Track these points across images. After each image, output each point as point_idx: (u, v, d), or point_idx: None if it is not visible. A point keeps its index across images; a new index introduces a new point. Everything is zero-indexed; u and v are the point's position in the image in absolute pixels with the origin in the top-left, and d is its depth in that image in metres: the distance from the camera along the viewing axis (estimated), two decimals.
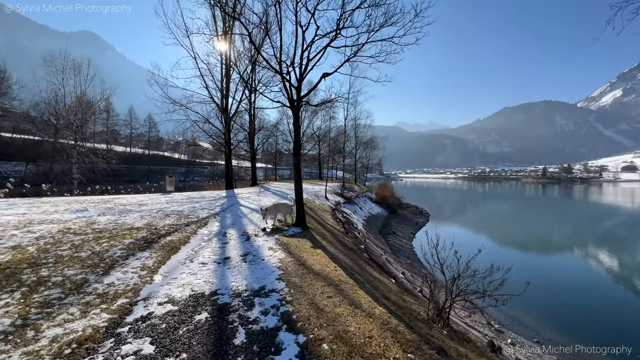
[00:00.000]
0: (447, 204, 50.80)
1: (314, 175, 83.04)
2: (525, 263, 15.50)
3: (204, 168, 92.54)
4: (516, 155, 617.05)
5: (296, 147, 7.78)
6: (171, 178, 17.43)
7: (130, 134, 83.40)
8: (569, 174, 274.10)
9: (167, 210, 8.97)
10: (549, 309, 9.90)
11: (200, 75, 20.95)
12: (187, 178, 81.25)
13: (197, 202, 11.14)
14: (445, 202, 55.58)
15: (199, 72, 20.85)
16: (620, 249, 19.66)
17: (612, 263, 16.12)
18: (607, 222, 31.13)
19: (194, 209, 9.54)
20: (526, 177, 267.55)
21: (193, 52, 20.33)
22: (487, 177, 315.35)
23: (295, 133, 7.72)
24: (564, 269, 14.85)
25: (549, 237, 22.94)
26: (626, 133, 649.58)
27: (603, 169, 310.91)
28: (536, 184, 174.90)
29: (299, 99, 7.48)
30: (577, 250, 19.17)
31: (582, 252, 18.74)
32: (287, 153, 44.96)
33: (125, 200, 11.00)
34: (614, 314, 9.77)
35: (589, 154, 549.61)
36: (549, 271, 14.29)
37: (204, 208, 9.83)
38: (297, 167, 7.83)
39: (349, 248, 8.32)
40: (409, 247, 17.43)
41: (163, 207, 9.48)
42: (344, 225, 13.71)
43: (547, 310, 9.79)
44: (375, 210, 25.65)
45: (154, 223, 6.95)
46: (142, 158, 78.19)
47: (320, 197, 18.70)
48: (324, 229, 9.57)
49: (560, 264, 15.99)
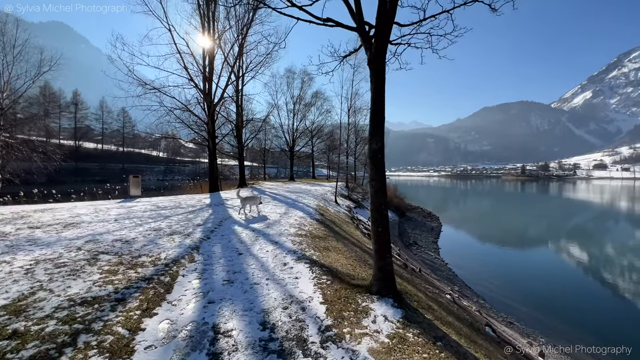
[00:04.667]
0: (446, 204, 48.56)
1: (300, 174, 79.43)
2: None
3: (184, 166, 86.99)
4: (495, 153, 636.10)
5: (379, 120, 3.78)
6: (136, 178, 13.29)
7: (102, 129, 76.56)
8: (546, 171, 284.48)
9: (106, 240, 4.98)
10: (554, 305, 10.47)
11: (177, 53, 16.83)
12: (166, 177, 75.58)
13: (165, 219, 7.24)
14: (441, 202, 53.52)
15: (175, 49, 16.73)
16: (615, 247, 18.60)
17: (612, 263, 16.00)
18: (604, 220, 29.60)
19: (156, 234, 5.66)
20: (506, 175, 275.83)
21: (168, 24, 16.22)
22: (469, 175, 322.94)
23: (379, 92, 3.79)
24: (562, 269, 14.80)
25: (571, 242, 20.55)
26: (595, 133, 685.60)
27: (576, 167, 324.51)
28: (516, 181, 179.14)
29: (386, 16, 3.68)
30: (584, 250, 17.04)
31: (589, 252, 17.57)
32: (278, 150, 40.97)
33: (52, 214, 6.96)
34: (614, 313, 10.18)
35: (562, 152, 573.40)
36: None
37: (175, 232, 5.97)
38: (379, 166, 3.67)
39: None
40: (440, 262, 14.20)
41: (104, 230, 5.58)
42: (369, 237, 10.30)
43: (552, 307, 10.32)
44: None
45: (37, 298, 3.03)
46: (115, 156, 71.77)
47: (330, 202, 15.13)
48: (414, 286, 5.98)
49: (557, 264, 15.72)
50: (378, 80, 3.82)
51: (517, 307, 10.34)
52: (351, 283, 3.67)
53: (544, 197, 67.01)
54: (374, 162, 3.75)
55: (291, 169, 36.81)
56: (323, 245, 5.57)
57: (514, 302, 10.76)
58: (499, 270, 14.27)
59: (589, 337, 8.22)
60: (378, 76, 3.82)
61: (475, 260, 15.66)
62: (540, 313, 9.90)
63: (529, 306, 10.35)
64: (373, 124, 3.82)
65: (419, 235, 19.79)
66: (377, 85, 3.83)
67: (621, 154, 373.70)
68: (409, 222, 23.24)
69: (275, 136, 38.57)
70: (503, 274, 13.88)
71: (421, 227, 22.35)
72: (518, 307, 10.29)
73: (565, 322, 9.27)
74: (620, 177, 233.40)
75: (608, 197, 61.56)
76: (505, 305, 10.38)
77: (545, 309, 10.18)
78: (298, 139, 37.50)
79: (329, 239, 6.31)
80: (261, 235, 6.09)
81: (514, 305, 10.47)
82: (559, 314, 9.85)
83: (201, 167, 75.01)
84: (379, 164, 3.71)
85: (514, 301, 10.81)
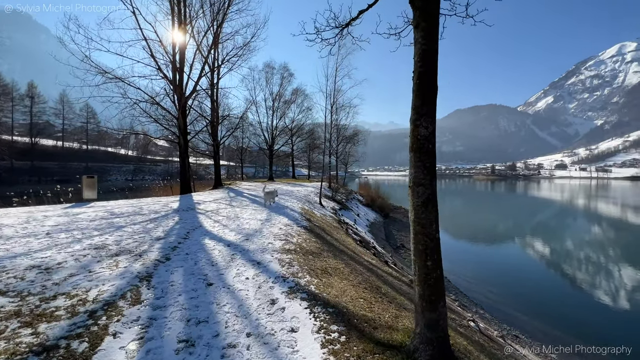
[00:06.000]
0: None
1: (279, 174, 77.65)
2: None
3: (156, 166, 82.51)
4: (467, 154, 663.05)
5: (431, 87, 2.48)
6: (90, 179, 11.40)
7: (62, 125, 70.55)
8: (513, 171, 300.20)
9: (16, 268, 3.39)
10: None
11: (143, 39, 14.96)
12: (135, 177, 71.24)
13: (116, 230, 5.72)
14: None
15: (141, 35, 14.86)
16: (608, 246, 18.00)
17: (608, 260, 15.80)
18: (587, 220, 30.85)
19: (95, 255, 4.15)
20: (477, 175, 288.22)
21: (132, 5, 14.33)
22: (444, 175, 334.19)
23: (431, 40, 2.42)
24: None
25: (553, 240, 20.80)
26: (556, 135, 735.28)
27: (540, 166, 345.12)
28: (486, 180, 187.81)
29: None
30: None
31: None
32: (256, 149, 39.17)
33: None
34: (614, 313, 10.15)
35: (527, 153, 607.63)
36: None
37: (123, 251, 4.47)
38: (428, 161, 2.53)
39: None
40: None
41: (22, 251, 4.02)
42: (360, 243, 9.28)
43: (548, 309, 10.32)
44: (371, 216, 21.49)
45: None
46: (78, 154, 66.33)
47: (315, 204, 13.93)
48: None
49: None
50: (429, 20, 2.40)
51: (510, 312, 9.88)
52: (376, 339, 2.44)
53: (514, 195, 70.05)
54: (422, 156, 2.42)
55: (270, 169, 35.23)
56: (319, 265, 4.36)
57: (506, 307, 10.27)
58: (484, 272, 13.98)
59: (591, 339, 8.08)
60: (429, 12, 2.40)
61: (461, 261, 15.20)
62: (533, 316, 9.75)
63: (520, 309, 10.20)
64: (421, 94, 2.42)
65: (405, 237, 19.10)
66: (429, 31, 2.40)
67: (579, 155, 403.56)
68: (394, 223, 22.55)
69: (254, 134, 36.77)
70: (489, 275, 13.62)
71: (406, 228, 21.72)
72: (512, 313, 9.83)
73: (562, 324, 9.19)
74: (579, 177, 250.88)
75: (570, 195, 65.25)
76: (500, 312, 9.81)
77: (534, 310, 10.15)
78: (277, 138, 35.95)
79: (324, 254, 5.11)
80: (239, 253, 4.78)
81: (508, 310, 9.97)
82: (553, 315, 9.84)
83: (174, 166, 71.15)
84: (429, 158, 2.44)
85: (506, 306, 10.35)
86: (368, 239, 12.05)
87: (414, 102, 2.50)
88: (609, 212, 36.23)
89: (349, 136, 30.51)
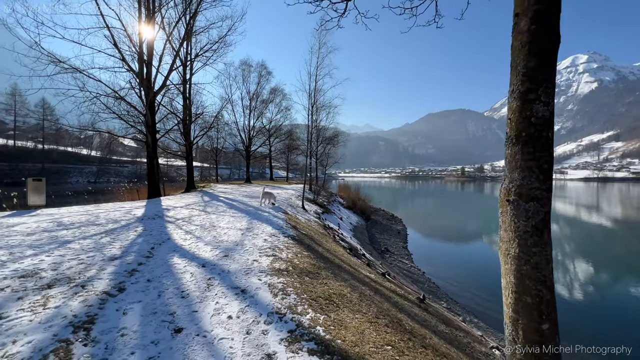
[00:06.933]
0: (404, 205, 49.40)
1: (255, 175, 75.60)
2: None
3: (123, 167, 77.66)
4: (438, 156, 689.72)
5: (552, 39, 1.61)
6: (37, 182, 9.76)
7: (14, 122, 64.31)
8: (481, 173, 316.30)
9: None
10: None
11: (105, 27, 13.43)
12: (100, 179, 66.48)
13: (59, 247, 4.54)
14: (399, 203, 54.60)
15: (103, 22, 13.33)
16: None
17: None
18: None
19: (19, 287, 3.03)
20: (448, 176, 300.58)
21: None
22: (417, 176, 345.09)
23: None
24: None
25: None
26: None
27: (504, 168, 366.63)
28: (457, 182, 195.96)
29: None
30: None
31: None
32: (232, 149, 37.51)
33: None
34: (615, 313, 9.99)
35: (493, 156, 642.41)
36: None
37: (61, 279, 3.36)
38: (544, 158, 1.63)
39: None
40: (417, 271, 13.01)
41: None
42: (350, 251, 8.55)
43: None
44: (354, 219, 20.90)
45: None
46: (32, 154, 60.53)
47: (298, 208, 13.02)
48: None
49: None
50: None
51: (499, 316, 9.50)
52: None
53: (484, 196, 72.89)
54: (537, 150, 1.57)
55: (247, 170, 33.75)
56: (321, 291, 3.47)
57: (495, 312, 9.93)
58: (466, 273, 13.72)
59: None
60: None
61: (443, 263, 14.98)
62: None
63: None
64: (538, 49, 1.57)
65: (388, 240, 18.70)
66: None
67: None
68: (376, 226, 22.12)
69: (230, 134, 35.09)
70: (472, 277, 13.32)
71: (388, 231, 21.38)
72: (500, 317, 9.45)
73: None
74: None
75: None
76: (492, 319, 9.45)
77: None
78: (255, 138, 34.57)
79: (322, 274, 4.24)
80: (217, 276, 3.81)
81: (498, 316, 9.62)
82: None
83: (143, 167, 66.99)
84: (547, 154, 1.57)
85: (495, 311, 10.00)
86: (355, 245, 11.36)
87: (524, 63, 1.59)
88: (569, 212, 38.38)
89: (329, 137, 29.90)
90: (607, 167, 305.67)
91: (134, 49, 14.66)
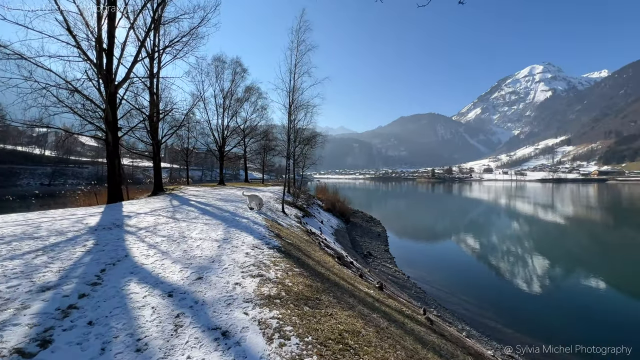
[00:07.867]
0: (381, 207, 49.80)
1: (229, 177, 73.01)
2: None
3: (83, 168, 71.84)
4: (410, 158, 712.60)
5: None
6: None
7: None
8: (450, 174, 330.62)
9: None
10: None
11: (58, 10, 11.81)
12: (55, 181, 60.99)
13: None
14: (375, 204, 55.07)
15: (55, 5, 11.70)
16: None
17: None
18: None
19: None
20: (419, 178, 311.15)
21: None
22: (390, 178, 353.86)
23: None
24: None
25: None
26: (483, 142, 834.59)
27: (471, 170, 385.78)
28: (428, 183, 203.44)
29: None
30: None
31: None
32: (204, 150, 35.59)
33: None
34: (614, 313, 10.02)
35: (460, 158, 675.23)
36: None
37: None
38: None
39: None
40: (402, 276, 12.61)
41: None
42: (338, 260, 7.86)
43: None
44: (334, 222, 20.28)
45: None
46: None
47: (277, 212, 12.11)
48: None
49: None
50: None
51: (488, 321, 9.28)
52: None
53: (454, 196, 76.20)
54: None
55: (221, 172, 32.08)
56: (329, 328, 2.65)
57: (485, 318, 9.69)
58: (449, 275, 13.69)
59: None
60: None
61: (428, 267, 14.81)
62: (508, 318, 9.76)
63: (497, 316, 9.96)
64: None
65: (369, 243, 18.29)
66: None
67: (501, 160, 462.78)
68: (356, 228, 21.70)
69: (202, 133, 33.20)
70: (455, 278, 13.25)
71: (368, 233, 21.02)
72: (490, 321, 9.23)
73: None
74: (502, 179, 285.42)
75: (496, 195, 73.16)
76: (484, 326, 9.16)
77: (506, 312, 10.22)
78: (228, 138, 32.99)
79: (322, 299, 3.44)
80: (188, 311, 2.91)
81: (489, 322, 9.37)
82: (521, 314, 10.03)
83: (105, 168, 62.33)
84: None
85: (485, 317, 9.77)
86: (340, 251, 10.70)
87: None
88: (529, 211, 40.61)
89: (308, 137, 29.17)
90: (560, 169, 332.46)
91: (92, 35, 13.05)
